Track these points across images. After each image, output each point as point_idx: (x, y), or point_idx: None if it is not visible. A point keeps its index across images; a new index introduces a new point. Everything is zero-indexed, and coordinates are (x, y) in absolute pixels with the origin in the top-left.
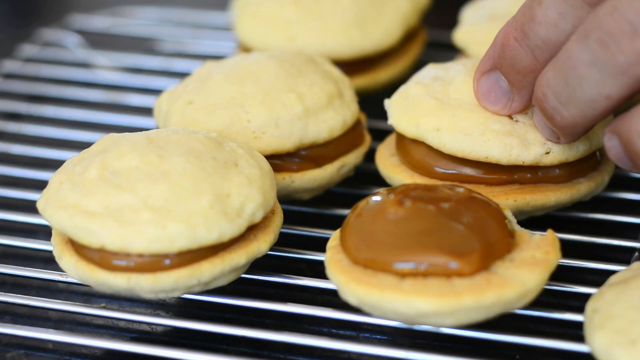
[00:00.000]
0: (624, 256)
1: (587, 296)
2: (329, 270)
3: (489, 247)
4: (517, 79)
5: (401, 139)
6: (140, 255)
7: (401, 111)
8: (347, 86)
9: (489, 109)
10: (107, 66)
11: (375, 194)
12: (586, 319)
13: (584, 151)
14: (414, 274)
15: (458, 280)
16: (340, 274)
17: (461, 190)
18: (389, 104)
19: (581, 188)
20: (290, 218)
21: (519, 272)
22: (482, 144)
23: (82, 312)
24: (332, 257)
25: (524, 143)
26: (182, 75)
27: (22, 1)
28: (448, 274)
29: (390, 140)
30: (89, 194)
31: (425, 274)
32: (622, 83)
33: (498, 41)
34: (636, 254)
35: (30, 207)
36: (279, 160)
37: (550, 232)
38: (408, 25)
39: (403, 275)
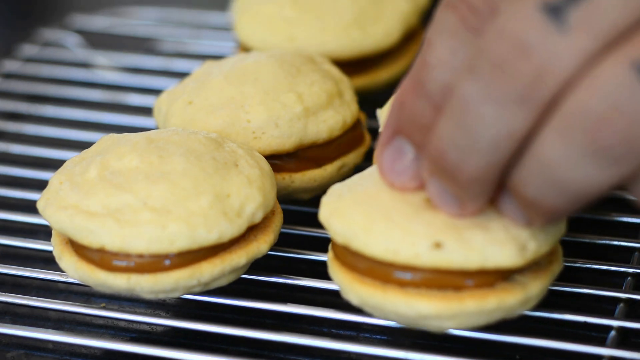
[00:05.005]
0: (624, 256)
1: (587, 296)
2: (332, 269)
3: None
4: (421, 137)
5: None
6: (140, 256)
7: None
8: (347, 86)
9: (396, 184)
10: (107, 66)
11: None
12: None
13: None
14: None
15: None
16: (343, 274)
17: None
18: (380, 113)
19: None
20: (290, 218)
21: (522, 279)
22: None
23: (82, 312)
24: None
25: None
26: (182, 75)
27: (22, 1)
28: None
29: None
30: (88, 194)
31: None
32: (524, 114)
33: (396, 101)
34: (636, 254)
35: (30, 207)
36: (278, 160)
37: None
38: (408, 26)
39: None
